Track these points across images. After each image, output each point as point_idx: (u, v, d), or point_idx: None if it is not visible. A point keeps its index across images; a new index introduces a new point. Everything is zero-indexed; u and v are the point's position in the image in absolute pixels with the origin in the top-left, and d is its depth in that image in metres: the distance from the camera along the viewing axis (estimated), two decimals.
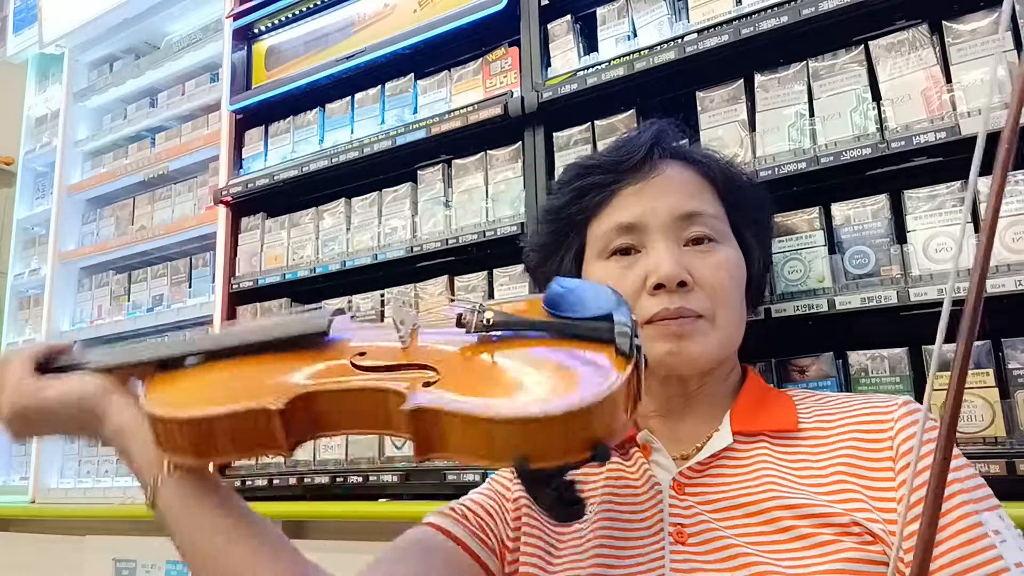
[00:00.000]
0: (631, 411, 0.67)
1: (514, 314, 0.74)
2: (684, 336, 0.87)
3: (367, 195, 2.21)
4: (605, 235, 0.94)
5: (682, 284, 0.87)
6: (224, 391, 0.73)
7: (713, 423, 0.91)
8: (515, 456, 0.60)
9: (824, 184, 1.51)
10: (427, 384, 0.67)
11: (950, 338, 0.48)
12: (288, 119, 2.45)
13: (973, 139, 1.32)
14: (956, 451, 0.74)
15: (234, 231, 2.48)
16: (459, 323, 0.74)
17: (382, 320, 2.00)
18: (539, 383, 0.66)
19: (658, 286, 0.87)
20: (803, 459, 0.84)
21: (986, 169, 0.46)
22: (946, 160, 1.42)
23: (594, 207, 0.96)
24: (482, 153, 2.00)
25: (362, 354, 0.74)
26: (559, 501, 0.65)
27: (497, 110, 1.89)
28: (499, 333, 0.73)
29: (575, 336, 0.71)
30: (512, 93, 1.94)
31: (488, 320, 0.72)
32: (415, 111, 2.17)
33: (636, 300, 0.89)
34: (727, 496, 0.83)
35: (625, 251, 0.93)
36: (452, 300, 0.86)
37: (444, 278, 2.00)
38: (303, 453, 2.14)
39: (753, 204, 1.02)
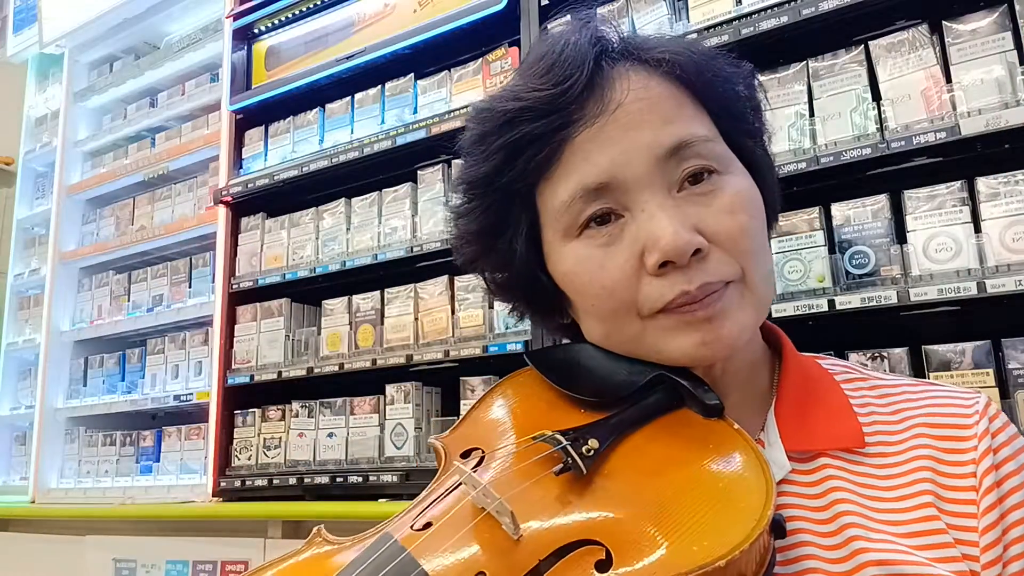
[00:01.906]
0: None
1: (581, 425, 0.64)
2: (715, 317, 0.64)
3: (367, 195, 2.21)
4: (567, 206, 0.66)
5: (696, 252, 0.63)
6: None
7: (752, 424, 0.69)
8: None
9: (824, 184, 1.51)
10: (603, 566, 0.53)
11: (950, 338, 0.48)
12: (288, 119, 2.45)
13: (973, 139, 1.33)
14: None
15: (234, 231, 2.48)
16: (564, 470, 0.60)
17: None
18: (712, 493, 0.57)
19: (665, 263, 0.63)
20: (876, 487, 0.64)
21: (986, 169, 0.46)
22: (946, 160, 1.42)
23: (538, 168, 0.68)
24: None
25: None
26: None
27: None
28: (596, 456, 0.61)
29: (651, 415, 0.65)
30: None
31: (590, 450, 0.60)
32: (415, 111, 2.17)
33: (636, 286, 0.65)
34: (804, 549, 0.62)
35: (601, 220, 0.66)
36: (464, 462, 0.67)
37: (444, 278, 2.00)
38: (303, 453, 2.14)
39: (744, 98, 0.73)
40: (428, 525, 0.61)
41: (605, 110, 0.66)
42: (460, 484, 0.63)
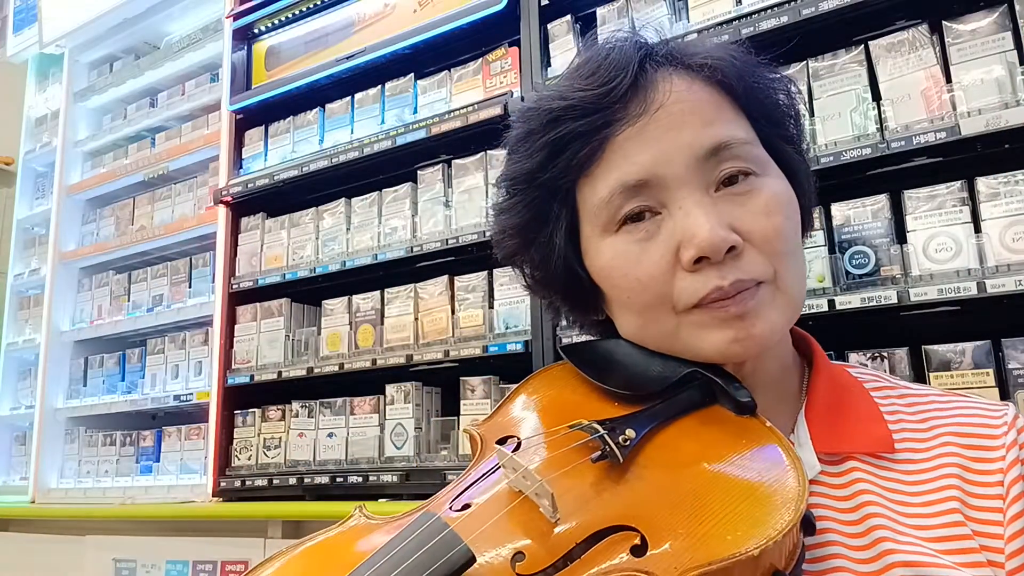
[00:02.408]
0: None
1: (617, 416, 0.66)
2: (747, 315, 0.65)
3: (367, 195, 2.21)
4: (607, 202, 0.68)
5: (731, 249, 0.65)
6: None
7: (782, 425, 0.69)
8: (771, 573, 0.54)
9: (824, 184, 1.51)
10: (638, 550, 0.54)
11: (950, 338, 0.48)
12: (288, 119, 2.45)
13: (973, 139, 1.33)
14: None
15: (234, 231, 2.48)
16: (601, 457, 0.61)
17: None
18: (746, 485, 0.58)
19: (700, 259, 0.65)
20: (904, 492, 0.65)
21: (986, 169, 0.46)
22: (946, 160, 1.42)
23: (580, 165, 0.70)
24: (482, 153, 2.00)
25: (519, 556, 0.56)
26: None
27: (497, 110, 1.89)
28: (633, 446, 0.63)
29: (685, 410, 0.66)
30: (512, 93, 1.94)
31: (627, 440, 0.62)
32: (415, 111, 2.17)
33: (671, 281, 0.66)
34: (832, 548, 0.63)
35: (638, 217, 0.68)
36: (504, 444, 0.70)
37: (444, 278, 2.00)
38: (303, 453, 2.14)
39: (783, 106, 0.75)
40: (467, 506, 0.62)
41: (647, 110, 0.68)
42: (498, 468, 0.64)
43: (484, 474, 0.66)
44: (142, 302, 2.79)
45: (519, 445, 0.68)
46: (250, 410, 2.31)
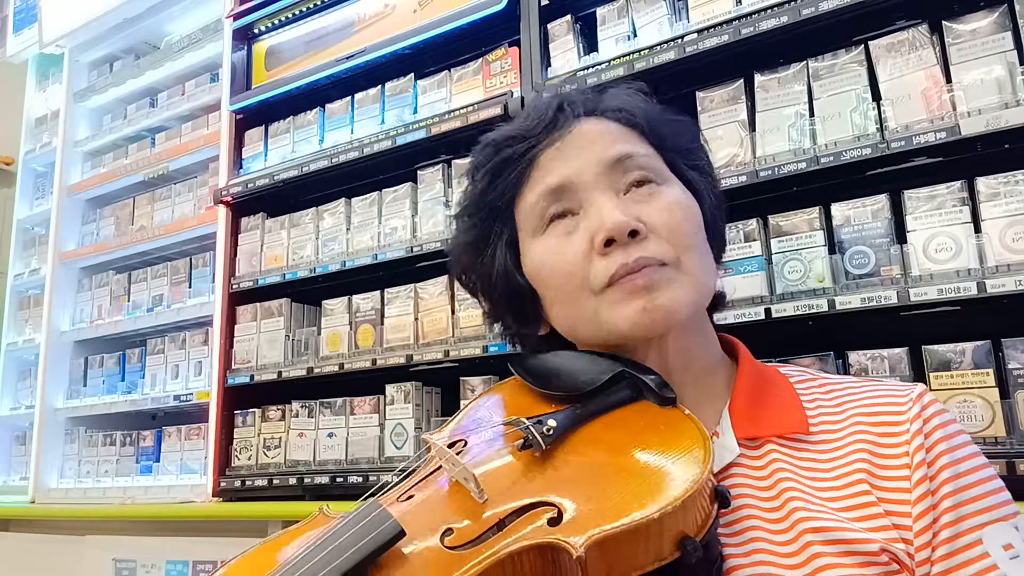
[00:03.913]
0: None
1: (544, 413, 0.73)
2: (653, 287, 0.75)
3: (367, 195, 2.21)
4: (534, 207, 0.83)
5: (634, 233, 0.76)
6: None
7: (710, 419, 0.79)
8: (679, 539, 0.59)
9: (824, 184, 1.51)
10: (554, 521, 0.60)
11: (950, 338, 0.48)
12: (288, 119, 2.45)
13: (973, 139, 1.33)
14: (972, 448, 0.72)
15: (234, 231, 2.48)
16: (526, 446, 0.69)
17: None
18: (656, 459, 0.65)
19: (608, 242, 0.76)
20: (817, 468, 0.73)
21: (986, 169, 0.46)
22: (946, 160, 1.42)
23: (515, 183, 0.85)
24: None
25: (449, 532, 0.63)
26: (709, 564, 0.64)
27: (497, 110, 1.89)
28: (555, 436, 0.70)
29: (613, 406, 0.73)
30: (512, 93, 1.94)
31: (549, 430, 0.69)
32: (415, 111, 2.17)
33: (588, 267, 0.78)
34: (748, 522, 0.71)
35: (561, 217, 0.82)
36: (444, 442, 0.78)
37: (444, 278, 2.00)
38: (303, 453, 2.14)
39: (687, 140, 0.89)
40: (410, 497, 0.71)
41: (563, 135, 0.84)
42: (440, 466, 0.73)
43: (431, 472, 0.75)
44: (142, 302, 2.79)
45: (466, 445, 0.76)
46: (250, 410, 2.31)
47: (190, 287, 2.67)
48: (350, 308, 2.17)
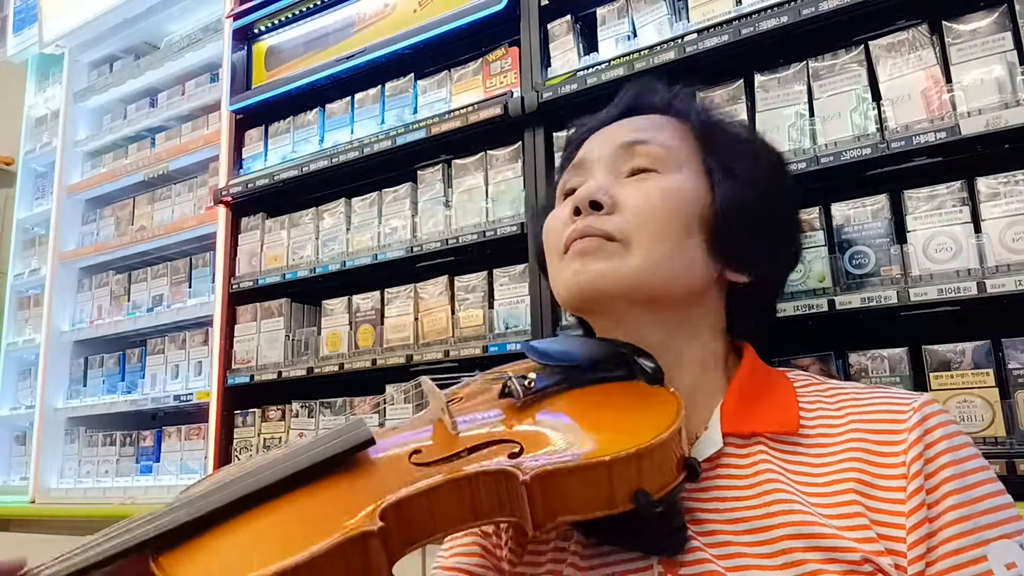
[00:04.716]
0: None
1: (536, 372, 0.77)
2: (587, 254, 0.79)
3: (367, 195, 2.21)
4: (562, 181, 0.91)
5: (596, 205, 0.80)
6: (285, 539, 0.57)
7: (704, 412, 0.80)
8: (633, 491, 0.61)
9: (824, 184, 1.51)
10: (514, 455, 0.64)
11: (950, 338, 0.48)
12: (288, 119, 2.45)
13: (973, 139, 1.33)
14: (980, 461, 0.70)
15: (234, 231, 2.48)
16: (504, 394, 0.75)
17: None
18: (624, 418, 0.69)
19: (577, 212, 0.82)
20: (807, 472, 0.72)
21: (986, 169, 0.46)
22: (946, 160, 1.42)
23: (567, 159, 0.93)
24: (482, 153, 2.00)
25: (418, 452, 0.68)
26: (670, 529, 0.66)
27: (497, 110, 1.89)
28: (537, 391, 0.75)
29: (602, 380, 0.76)
30: (512, 93, 1.94)
31: (530, 383, 0.74)
32: (415, 111, 2.17)
33: (563, 231, 0.84)
34: (726, 516, 0.71)
35: (572, 192, 0.88)
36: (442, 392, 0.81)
37: (444, 278, 2.00)
38: None
39: (739, 154, 0.88)
40: (395, 428, 0.78)
41: (614, 122, 0.90)
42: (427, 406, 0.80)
43: (421, 414, 0.81)
44: (142, 302, 2.79)
45: (462, 399, 0.81)
46: (250, 410, 2.31)
47: (190, 287, 2.67)
48: (350, 308, 2.17)
